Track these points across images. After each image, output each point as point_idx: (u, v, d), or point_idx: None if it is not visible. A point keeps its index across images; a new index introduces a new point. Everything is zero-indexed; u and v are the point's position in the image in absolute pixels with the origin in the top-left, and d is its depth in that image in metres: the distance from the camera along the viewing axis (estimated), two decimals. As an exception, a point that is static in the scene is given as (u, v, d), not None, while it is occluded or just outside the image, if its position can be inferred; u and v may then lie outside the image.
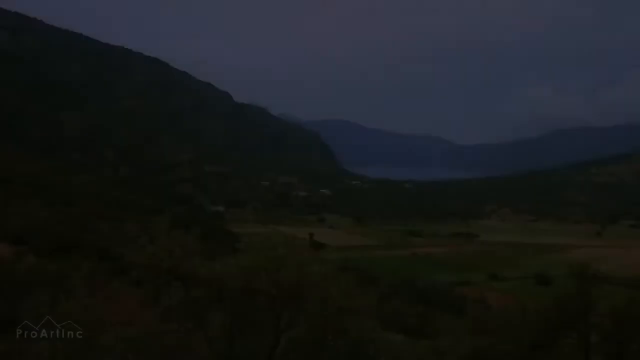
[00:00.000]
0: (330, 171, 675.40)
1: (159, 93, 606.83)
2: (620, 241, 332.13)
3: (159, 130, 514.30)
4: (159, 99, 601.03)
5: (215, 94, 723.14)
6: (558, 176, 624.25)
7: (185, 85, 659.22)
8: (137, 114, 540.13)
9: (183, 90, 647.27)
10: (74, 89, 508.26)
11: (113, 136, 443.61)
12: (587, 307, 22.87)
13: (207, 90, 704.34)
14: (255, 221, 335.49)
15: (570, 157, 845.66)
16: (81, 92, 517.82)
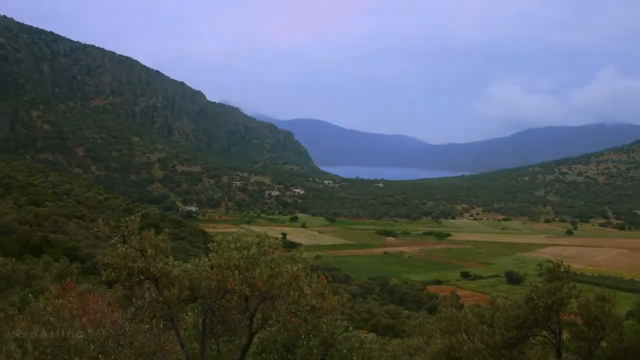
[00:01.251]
0: (303, 171, 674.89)
1: (130, 92, 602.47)
2: (591, 240, 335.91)
3: (130, 129, 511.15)
4: (130, 98, 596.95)
5: (187, 92, 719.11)
6: (529, 175, 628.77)
7: (157, 84, 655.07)
8: (108, 113, 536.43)
9: (155, 89, 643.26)
10: (44, 87, 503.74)
11: (83, 135, 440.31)
12: (557, 305, 23.01)
13: (179, 88, 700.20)
14: (227, 221, 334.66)
15: (541, 156, 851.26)
16: (51, 91, 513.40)
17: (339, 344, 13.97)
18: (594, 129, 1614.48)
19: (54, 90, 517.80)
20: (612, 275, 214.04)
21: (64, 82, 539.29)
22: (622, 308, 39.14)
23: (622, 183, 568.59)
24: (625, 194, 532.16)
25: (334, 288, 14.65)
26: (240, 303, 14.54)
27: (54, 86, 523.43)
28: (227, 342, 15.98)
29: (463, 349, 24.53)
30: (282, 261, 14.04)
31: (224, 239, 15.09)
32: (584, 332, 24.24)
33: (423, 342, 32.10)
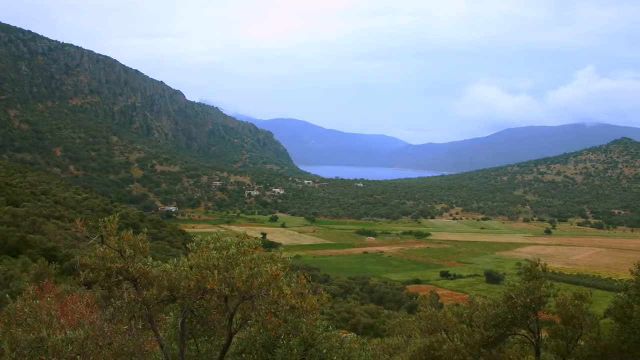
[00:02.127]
0: (282, 170, 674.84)
1: (108, 91, 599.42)
2: (569, 239, 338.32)
3: (108, 129, 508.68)
4: (108, 97, 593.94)
5: (167, 92, 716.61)
6: (508, 175, 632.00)
7: (136, 84, 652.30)
8: (86, 113, 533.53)
9: (134, 89, 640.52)
10: (22, 87, 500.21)
11: (62, 135, 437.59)
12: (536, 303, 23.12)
13: (158, 88, 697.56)
14: (207, 220, 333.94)
15: (519, 156, 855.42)
16: (29, 90, 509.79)
17: (318, 343, 13.97)
18: (573, 129, 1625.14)
19: (31, 90, 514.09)
20: (590, 274, 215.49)
21: (42, 81, 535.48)
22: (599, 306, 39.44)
23: (600, 182, 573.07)
24: (603, 194, 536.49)
25: (314, 288, 14.65)
26: (219, 303, 14.50)
27: (31, 85, 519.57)
28: (207, 342, 15.94)
29: (442, 348, 24.61)
30: (262, 261, 14.03)
31: (203, 238, 15.06)
32: (562, 330, 24.38)
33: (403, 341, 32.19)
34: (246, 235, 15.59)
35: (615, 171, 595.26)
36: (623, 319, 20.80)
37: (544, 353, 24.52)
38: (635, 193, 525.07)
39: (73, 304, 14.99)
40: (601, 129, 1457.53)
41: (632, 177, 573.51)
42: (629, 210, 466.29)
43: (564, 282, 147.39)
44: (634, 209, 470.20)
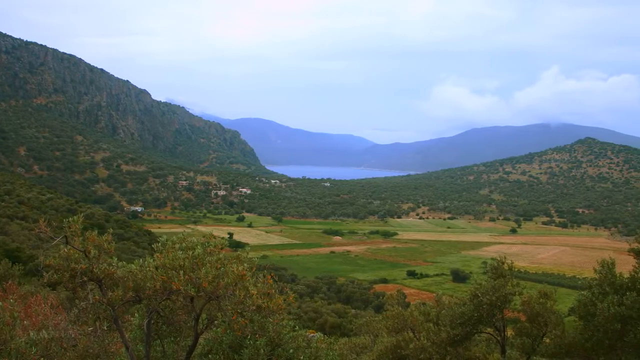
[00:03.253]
0: (249, 170, 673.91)
1: (73, 90, 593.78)
2: (534, 238, 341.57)
3: (73, 128, 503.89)
4: (73, 96, 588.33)
5: (132, 91, 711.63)
6: (474, 175, 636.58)
7: (102, 83, 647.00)
8: (51, 112, 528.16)
9: (99, 88, 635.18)
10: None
11: (25, 134, 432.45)
12: (501, 302, 23.29)
13: (124, 87, 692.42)
14: (173, 221, 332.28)
15: (485, 156, 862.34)
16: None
17: (285, 343, 13.95)
18: (538, 129, 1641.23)
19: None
20: (554, 272, 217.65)
21: (5, 79, 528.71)
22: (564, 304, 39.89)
23: (565, 182, 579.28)
24: (567, 193, 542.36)
25: (280, 288, 14.63)
26: (185, 304, 14.43)
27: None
28: (173, 343, 15.84)
29: (409, 346, 24.70)
30: (228, 261, 13.97)
31: (169, 239, 14.97)
32: (528, 328, 24.59)
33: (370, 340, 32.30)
34: (212, 236, 15.53)
35: (579, 171, 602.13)
36: (587, 317, 21.00)
37: (509, 351, 24.71)
38: (598, 192, 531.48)
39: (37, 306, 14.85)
40: (566, 129, 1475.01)
41: (596, 176, 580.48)
42: (593, 210, 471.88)
43: (529, 280, 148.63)
44: (598, 208, 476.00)
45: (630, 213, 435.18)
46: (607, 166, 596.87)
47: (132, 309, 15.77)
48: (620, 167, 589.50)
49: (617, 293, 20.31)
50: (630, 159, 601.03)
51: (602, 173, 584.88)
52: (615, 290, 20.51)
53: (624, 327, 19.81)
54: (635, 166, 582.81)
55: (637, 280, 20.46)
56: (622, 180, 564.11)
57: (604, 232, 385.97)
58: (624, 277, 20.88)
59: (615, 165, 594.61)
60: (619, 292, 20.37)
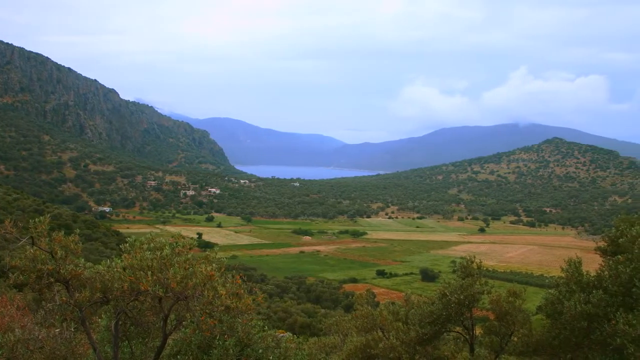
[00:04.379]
0: (218, 170, 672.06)
1: (40, 89, 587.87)
2: (502, 237, 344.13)
3: (40, 128, 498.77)
4: (40, 95, 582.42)
5: (100, 90, 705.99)
6: (443, 174, 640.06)
7: (69, 82, 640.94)
8: (17, 111, 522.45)
9: (66, 87, 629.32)
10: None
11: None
12: (470, 301, 23.42)
13: (92, 87, 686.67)
14: (142, 221, 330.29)
15: (454, 155, 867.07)
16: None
17: (254, 343, 13.92)
18: (506, 129, 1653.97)
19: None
20: (522, 271, 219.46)
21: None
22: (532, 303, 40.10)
23: (532, 181, 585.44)
24: (534, 192, 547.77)
25: (249, 288, 14.60)
26: (154, 304, 14.33)
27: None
28: (141, 344, 15.75)
29: (379, 346, 24.76)
30: (196, 261, 13.91)
31: (137, 239, 14.87)
32: (496, 327, 24.74)
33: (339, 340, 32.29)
34: (181, 236, 15.47)
35: (546, 170, 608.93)
36: (554, 315, 21.17)
37: (478, 349, 24.83)
38: (565, 192, 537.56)
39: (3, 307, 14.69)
40: (534, 129, 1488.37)
41: (563, 176, 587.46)
42: (560, 209, 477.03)
43: (497, 279, 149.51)
44: (565, 207, 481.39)
45: (596, 212, 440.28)
46: (574, 166, 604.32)
47: (100, 310, 15.65)
48: (586, 166, 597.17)
49: (583, 291, 20.50)
50: (596, 158, 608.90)
51: (569, 173, 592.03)
52: (582, 289, 20.70)
53: (590, 325, 20.00)
54: (602, 166, 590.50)
55: (603, 278, 20.67)
56: (588, 179, 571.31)
57: (571, 231, 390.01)
58: (590, 276, 21.10)
59: (582, 165, 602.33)
60: (585, 290, 20.56)
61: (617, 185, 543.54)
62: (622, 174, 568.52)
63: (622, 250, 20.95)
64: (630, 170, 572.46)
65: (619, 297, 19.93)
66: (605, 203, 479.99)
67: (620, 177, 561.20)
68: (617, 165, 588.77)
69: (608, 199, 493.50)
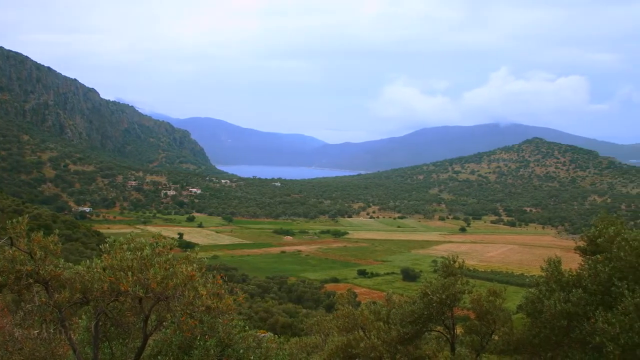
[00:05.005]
0: (199, 170, 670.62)
1: (19, 89, 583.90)
2: (483, 236, 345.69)
3: (19, 127, 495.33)
4: (19, 95, 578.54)
5: (80, 90, 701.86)
6: (424, 174, 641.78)
7: (49, 81, 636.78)
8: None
9: (46, 86, 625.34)
10: None
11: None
12: (451, 300, 23.50)
13: (72, 86, 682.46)
14: (122, 221, 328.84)
15: (435, 155, 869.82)
16: None
17: (235, 344, 13.88)
18: (487, 129, 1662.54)
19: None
20: (503, 270, 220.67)
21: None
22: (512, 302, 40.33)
23: (513, 181, 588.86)
24: (515, 192, 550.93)
25: (231, 288, 14.57)
26: (134, 305, 14.26)
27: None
28: (121, 345, 15.65)
29: (360, 345, 24.78)
30: (177, 262, 13.85)
31: (117, 239, 14.79)
32: (477, 326, 24.85)
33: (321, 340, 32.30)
34: (161, 236, 15.40)
35: (527, 170, 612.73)
36: (534, 314, 21.29)
37: (459, 348, 24.92)
38: (545, 191, 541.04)
39: (-19, 309, 14.55)
40: (514, 129, 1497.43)
41: (543, 175, 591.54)
42: (540, 208, 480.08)
43: (478, 278, 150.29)
44: (545, 206, 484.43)
45: (576, 212, 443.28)
46: (554, 166, 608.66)
47: (80, 311, 15.55)
48: (566, 166, 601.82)
49: (563, 290, 20.62)
50: (576, 158, 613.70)
51: (549, 172, 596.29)
52: (562, 288, 20.83)
53: (569, 323, 20.13)
54: (581, 166, 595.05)
55: (582, 277, 20.80)
56: (568, 179, 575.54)
57: (551, 231, 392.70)
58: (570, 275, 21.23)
59: (562, 165, 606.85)
60: (565, 289, 20.68)
61: (597, 185, 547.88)
62: (601, 173, 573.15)
63: (601, 249, 21.11)
64: (609, 170, 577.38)
65: (598, 296, 20.09)
66: (584, 203, 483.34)
67: (599, 177, 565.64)
68: (597, 165, 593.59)
69: (587, 198, 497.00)
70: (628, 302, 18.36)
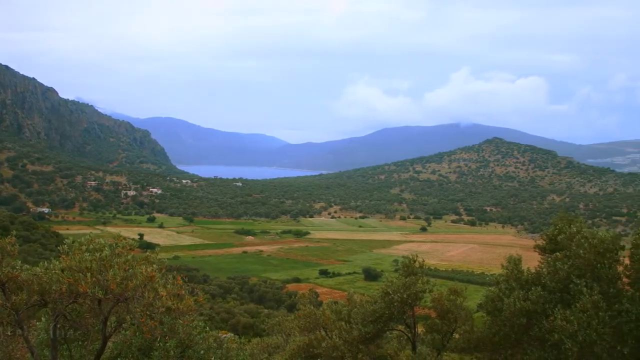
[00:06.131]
0: (160, 170, 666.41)
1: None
2: (444, 236, 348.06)
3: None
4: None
5: (39, 89, 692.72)
6: (385, 174, 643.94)
7: (6, 80, 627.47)
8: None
9: (3, 85, 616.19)
10: None
11: None
12: (412, 299, 23.62)
13: (30, 85, 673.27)
14: (82, 222, 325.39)
15: (396, 155, 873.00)
16: None
17: (196, 344, 13.82)
18: (448, 129, 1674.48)
19: None
20: (464, 269, 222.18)
21: None
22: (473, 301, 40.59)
23: (473, 181, 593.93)
24: (475, 192, 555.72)
25: (191, 288, 14.49)
26: (93, 307, 14.12)
27: None
28: (80, 348, 15.49)
29: (321, 345, 24.78)
30: (137, 262, 13.75)
31: (76, 240, 14.63)
32: (438, 325, 25.03)
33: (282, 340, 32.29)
34: (121, 237, 15.26)
35: (487, 170, 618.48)
36: (494, 312, 21.47)
37: (420, 347, 25.05)
38: (505, 191, 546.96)
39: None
40: (475, 129, 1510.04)
41: (503, 175, 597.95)
42: (500, 208, 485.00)
43: (439, 278, 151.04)
44: (505, 206, 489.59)
45: (535, 211, 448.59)
46: (513, 165, 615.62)
47: (38, 313, 15.37)
48: (526, 166, 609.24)
49: (522, 288, 20.83)
50: (535, 158, 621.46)
51: (508, 172, 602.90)
52: (521, 286, 21.04)
53: (529, 321, 20.34)
54: (540, 165, 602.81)
55: (542, 275, 21.02)
56: (527, 179, 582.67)
57: (510, 230, 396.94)
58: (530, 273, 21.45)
59: (521, 165, 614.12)
60: (524, 287, 20.89)
61: (556, 184, 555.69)
62: (560, 173, 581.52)
63: (560, 247, 21.35)
64: (567, 169, 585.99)
65: (557, 294, 20.33)
66: (543, 202, 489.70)
67: (558, 177, 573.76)
68: (555, 165, 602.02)
69: (546, 198, 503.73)
70: (586, 299, 18.60)
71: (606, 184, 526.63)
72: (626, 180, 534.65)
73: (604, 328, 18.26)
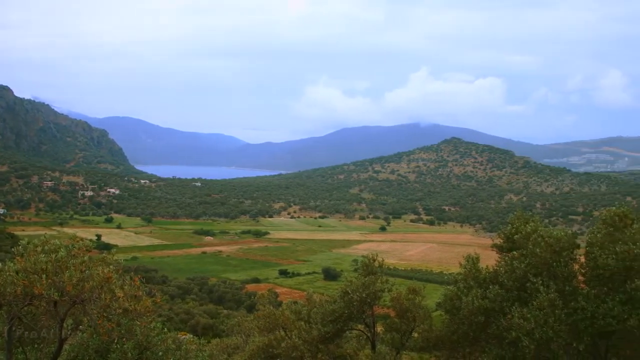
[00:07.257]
0: (117, 170, 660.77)
1: None
2: (403, 235, 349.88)
3: None
4: None
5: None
6: (344, 174, 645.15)
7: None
8: None
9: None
10: None
11: None
12: (371, 298, 23.69)
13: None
14: (38, 223, 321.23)
15: (356, 155, 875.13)
16: None
17: (154, 346, 13.71)
18: (407, 129, 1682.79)
19: None
20: (422, 268, 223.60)
21: None
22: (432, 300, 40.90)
23: (432, 180, 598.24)
24: (434, 191, 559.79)
25: (149, 289, 14.38)
26: (49, 309, 13.93)
27: None
28: (36, 350, 15.29)
29: (281, 345, 24.78)
30: (93, 264, 13.59)
31: (31, 241, 14.41)
32: (397, 324, 25.15)
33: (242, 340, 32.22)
34: (77, 237, 15.08)
35: (445, 170, 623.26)
36: (452, 311, 21.65)
37: (379, 346, 25.16)
38: (463, 190, 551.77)
39: None
40: (434, 130, 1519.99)
41: (461, 175, 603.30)
42: (458, 207, 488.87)
43: (398, 277, 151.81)
44: (463, 205, 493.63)
45: (493, 210, 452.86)
46: (471, 165, 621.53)
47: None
48: (484, 166, 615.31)
49: (480, 287, 21.02)
50: (493, 158, 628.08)
51: (467, 172, 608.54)
52: (479, 284, 21.22)
53: (487, 319, 20.53)
54: (498, 165, 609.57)
55: (499, 274, 21.22)
56: (485, 178, 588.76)
57: (469, 229, 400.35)
58: (487, 272, 21.65)
59: (479, 165, 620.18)
60: (482, 286, 21.08)
61: (513, 184, 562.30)
62: (517, 173, 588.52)
63: (517, 246, 21.59)
64: (525, 169, 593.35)
65: (515, 292, 20.55)
66: (501, 201, 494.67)
67: (515, 176, 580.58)
68: (513, 164, 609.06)
69: (504, 197, 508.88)
70: (543, 297, 18.82)
71: (562, 184, 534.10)
72: (582, 179, 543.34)
73: (560, 325, 18.48)
